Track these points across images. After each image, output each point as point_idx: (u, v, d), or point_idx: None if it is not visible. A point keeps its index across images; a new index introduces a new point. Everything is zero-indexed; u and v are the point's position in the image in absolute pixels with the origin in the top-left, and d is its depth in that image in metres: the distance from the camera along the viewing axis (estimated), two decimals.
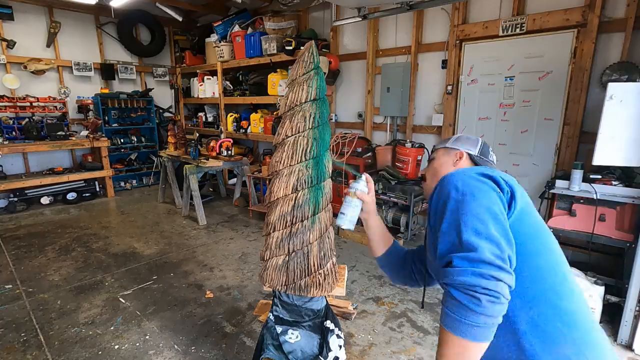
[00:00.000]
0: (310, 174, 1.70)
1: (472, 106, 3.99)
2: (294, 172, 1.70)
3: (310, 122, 1.69)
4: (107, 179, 6.04)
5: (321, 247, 1.77)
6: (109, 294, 3.09)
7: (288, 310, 1.80)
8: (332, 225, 1.81)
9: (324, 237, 1.78)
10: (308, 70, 1.71)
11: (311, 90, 1.69)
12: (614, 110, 2.42)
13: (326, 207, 1.80)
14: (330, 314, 1.88)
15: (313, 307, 1.80)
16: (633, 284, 2.37)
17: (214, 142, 5.21)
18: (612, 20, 3.05)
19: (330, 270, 1.80)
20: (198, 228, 4.68)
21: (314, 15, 5.37)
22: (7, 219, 4.98)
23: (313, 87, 1.69)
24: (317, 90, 1.71)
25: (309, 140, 1.69)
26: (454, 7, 3.87)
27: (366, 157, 4.59)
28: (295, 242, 1.72)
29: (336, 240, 4.26)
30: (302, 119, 1.69)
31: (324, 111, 1.73)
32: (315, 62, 1.72)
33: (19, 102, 5.42)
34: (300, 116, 1.69)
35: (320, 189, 1.74)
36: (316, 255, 1.75)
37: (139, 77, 7.06)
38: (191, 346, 2.44)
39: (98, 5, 5.49)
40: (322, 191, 1.75)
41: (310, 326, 1.80)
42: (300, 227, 1.72)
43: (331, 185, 1.87)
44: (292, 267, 1.73)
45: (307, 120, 1.69)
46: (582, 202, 2.76)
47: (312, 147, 1.69)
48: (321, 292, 1.75)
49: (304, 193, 1.70)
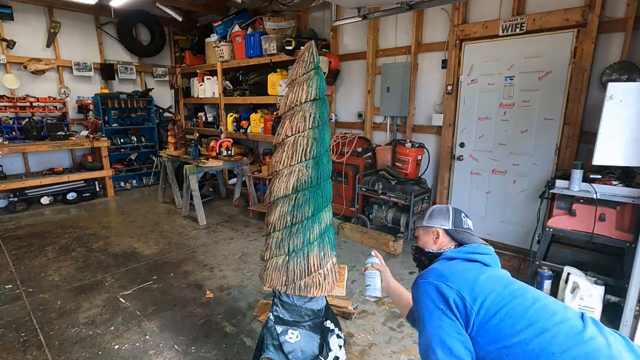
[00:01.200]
0: (310, 174, 1.70)
1: (472, 106, 3.99)
2: (294, 172, 1.70)
3: (310, 122, 1.69)
4: (107, 179, 6.04)
5: (321, 247, 1.77)
6: (109, 294, 3.09)
7: (288, 310, 1.80)
8: (331, 225, 1.81)
9: (323, 237, 1.78)
10: (308, 70, 1.71)
11: (311, 90, 1.69)
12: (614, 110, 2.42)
13: (326, 207, 1.80)
14: (330, 314, 1.88)
15: (313, 307, 1.80)
16: (633, 284, 2.37)
17: (214, 142, 5.21)
18: (612, 20, 3.05)
19: (330, 270, 1.80)
20: (198, 228, 4.68)
21: (314, 15, 5.37)
22: (7, 219, 4.98)
23: (313, 87, 1.69)
24: (317, 90, 1.71)
25: (309, 140, 1.69)
26: (454, 7, 3.87)
27: (366, 157, 4.60)
28: (295, 242, 1.72)
29: (336, 240, 4.25)
30: (302, 119, 1.69)
31: (324, 111, 1.73)
32: (315, 62, 1.72)
33: (19, 102, 5.42)
34: (300, 116, 1.69)
35: (321, 189, 1.74)
36: (316, 255, 1.75)
37: (139, 77, 7.06)
38: (191, 346, 2.44)
39: (98, 5, 5.48)
40: (322, 191, 1.75)
41: (310, 326, 1.80)
42: (300, 227, 1.72)
43: (331, 185, 1.87)
44: (292, 267, 1.73)
45: (307, 120, 1.69)
46: (582, 202, 2.76)
47: (312, 147, 1.69)
48: (321, 292, 1.75)
49: (303, 193, 1.70)
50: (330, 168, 1.83)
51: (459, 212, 1.38)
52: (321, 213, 1.74)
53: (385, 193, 4.15)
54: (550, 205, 3.07)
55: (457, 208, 1.41)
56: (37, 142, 5.34)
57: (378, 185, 4.22)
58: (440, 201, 4.33)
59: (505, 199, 3.88)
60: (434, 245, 1.36)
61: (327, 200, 1.79)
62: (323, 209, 1.75)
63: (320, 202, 1.72)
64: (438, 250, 1.34)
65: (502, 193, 3.89)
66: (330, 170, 1.82)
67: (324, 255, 1.77)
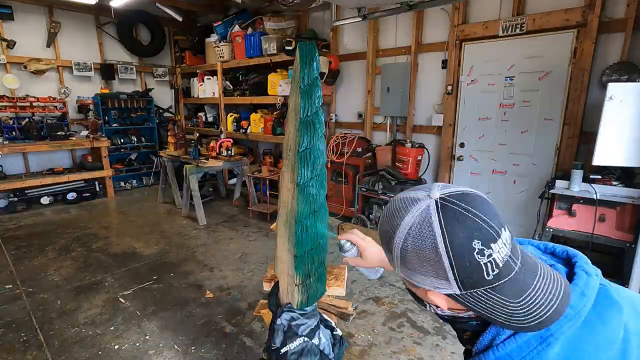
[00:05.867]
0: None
1: (472, 106, 3.99)
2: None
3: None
4: (107, 179, 6.03)
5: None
6: (109, 294, 3.09)
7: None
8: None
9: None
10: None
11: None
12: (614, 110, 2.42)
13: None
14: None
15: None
16: (633, 284, 2.37)
17: (214, 142, 5.21)
18: (612, 20, 3.05)
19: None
20: (198, 228, 4.68)
21: (314, 15, 5.37)
22: (7, 219, 4.98)
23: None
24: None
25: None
26: (454, 7, 3.87)
27: (366, 157, 4.60)
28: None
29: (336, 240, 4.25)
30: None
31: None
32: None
33: (19, 102, 5.41)
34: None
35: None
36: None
37: (139, 77, 7.06)
38: (191, 346, 2.44)
39: (98, 5, 5.48)
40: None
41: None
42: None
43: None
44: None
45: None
46: (582, 202, 2.76)
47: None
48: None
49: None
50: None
51: (464, 234, 0.53)
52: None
53: (386, 193, 4.15)
54: (550, 205, 3.08)
55: (455, 209, 0.55)
56: (37, 142, 5.34)
57: (378, 186, 4.21)
58: None
59: (505, 199, 3.88)
60: (436, 308, 0.66)
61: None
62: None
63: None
64: (457, 314, 0.64)
65: (502, 193, 3.89)
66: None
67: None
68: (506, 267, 0.54)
